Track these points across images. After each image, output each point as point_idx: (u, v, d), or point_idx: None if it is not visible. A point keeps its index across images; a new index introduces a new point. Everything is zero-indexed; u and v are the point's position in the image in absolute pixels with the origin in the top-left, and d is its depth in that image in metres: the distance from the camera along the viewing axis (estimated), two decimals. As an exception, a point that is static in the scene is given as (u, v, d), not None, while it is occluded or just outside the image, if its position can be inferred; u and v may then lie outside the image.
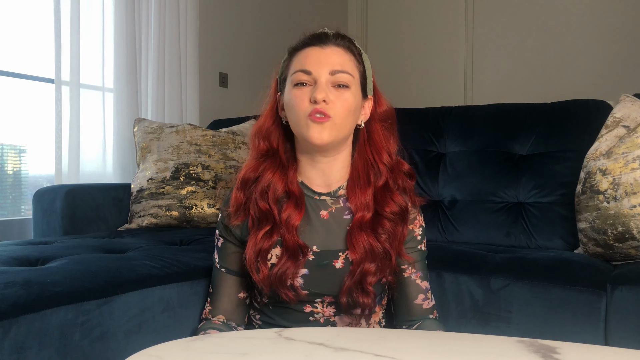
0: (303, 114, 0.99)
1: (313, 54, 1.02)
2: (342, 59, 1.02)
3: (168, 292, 1.22)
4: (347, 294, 1.02)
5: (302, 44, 1.05)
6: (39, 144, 2.31)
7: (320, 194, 1.08)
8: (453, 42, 3.81)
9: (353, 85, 1.02)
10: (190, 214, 2.02)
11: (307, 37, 1.05)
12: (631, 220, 1.33)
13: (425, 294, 1.11)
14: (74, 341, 1.05)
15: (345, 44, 1.04)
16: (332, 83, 1.00)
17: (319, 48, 1.02)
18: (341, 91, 1.00)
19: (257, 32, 3.29)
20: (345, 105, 1.00)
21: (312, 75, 1.00)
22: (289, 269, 1.01)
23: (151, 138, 2.12)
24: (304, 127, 0.99)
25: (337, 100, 0.99)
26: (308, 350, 0.78)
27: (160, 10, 2.54)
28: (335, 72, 1.00)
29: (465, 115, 2.00)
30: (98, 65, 2.39)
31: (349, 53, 1.04)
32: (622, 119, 1.51)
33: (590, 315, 1.20)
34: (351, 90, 1.01)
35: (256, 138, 1.09)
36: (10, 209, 2.26)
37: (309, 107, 0.99)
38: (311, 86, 1.00)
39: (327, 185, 1.08)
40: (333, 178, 1.07)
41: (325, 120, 0.98)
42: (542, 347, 0.78)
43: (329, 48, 1.02)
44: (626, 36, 3.27)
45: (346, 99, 1.00)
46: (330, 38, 1.03)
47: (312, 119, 0.98)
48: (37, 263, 1.31)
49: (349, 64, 1.02)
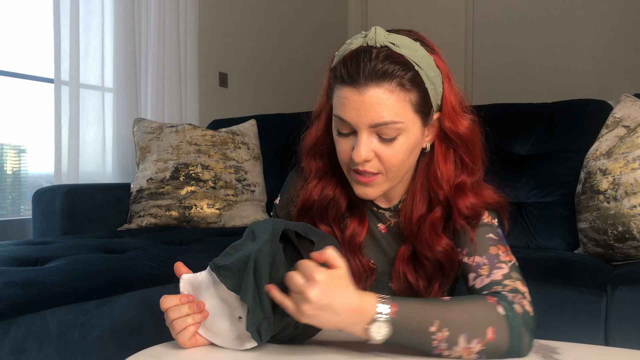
0: (346, 167, 0.86)
1: (350, 98, 0.80)
2: (386, 105, 0.79)
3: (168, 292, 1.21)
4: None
5: (339, 76, 0.82)
6: (39, 143, 2.31)
7: (379, 207, 0.96)
8: (453, 42, 3.81)
9: (403, 132, 0.82)
10: (189, 214, 2.02)
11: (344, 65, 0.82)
12: (631, 220, 1.33)
13: (476, 271, 0.86)
14: (73, 341, 1.05)
15: (387, 78, 0.79)
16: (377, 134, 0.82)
17: (356, 92, 0.80)
18: (388, 145, 0.82)
19: (257, 32, 3.29)
20: (394, 158, 0.83)
21: (351, 126, 0.82)
22: None
23: (151, 138, 2.11)
24: (349, 178, 0.88)
25: (384, 154, 0.82)
26: (308, 350, 0.78)
27: (160, 10, 2.53)
28: (377, 125, 0.80)
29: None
30: (97, 65, 2.39)
31: (395, 91, 0.80)
32: (622, 119, 1.51)
33: (590, 315, 1.20)
34: (400, 139, 0.82)
35: (311, 156, 0.95)
36: (9, 209, 2.25)
37: (352, 162, 0.83)
38: (353, 135, 0.83)
39: (387, 201, 0.95)
40: (394, 196, 0.94)
41: (370, 180, 0.84)
42: (542, 347, 0.78)
43: (368, 92, 0.79)
44: (626, 36, 3.27)
45: (395, 153, 0.82)
46: (367, 73, 0.79)
47: (357, 179, 0.85)
48: (37, 263, 1.31)
49: (395, 107, 0.80)
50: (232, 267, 0.75)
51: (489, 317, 0.75)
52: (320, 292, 0.69)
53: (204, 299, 0.79)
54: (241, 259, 0.74)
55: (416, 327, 0.73)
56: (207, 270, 0.79)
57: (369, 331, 0.71)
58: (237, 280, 0.74)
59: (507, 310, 0.76)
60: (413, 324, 0.72)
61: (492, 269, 0.85)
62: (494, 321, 0.75)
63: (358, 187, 0.86)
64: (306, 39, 3.57)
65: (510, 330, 0.75)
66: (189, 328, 0.78)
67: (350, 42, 0.85)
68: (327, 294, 0.69)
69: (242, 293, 0.73)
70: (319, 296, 0.69)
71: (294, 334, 0.78)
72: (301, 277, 0.70)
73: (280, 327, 0.75)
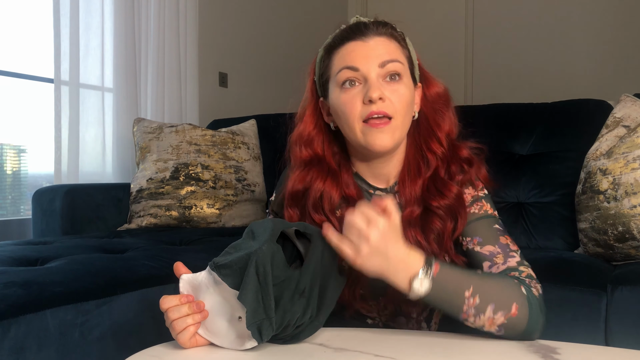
0: (358, 120, 0.89)
1: (356, 48, 0.90)
2: (389, 47, 0.91)
3: (167, 292, 1.21)
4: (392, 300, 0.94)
5: (340, 39, 0.93)
6: (39, 143, 2.31)
7: (376, 189, 0.98)
8: (453, 42, 3.81)
9: (405, 74, 0.91)
10: (189, 214, 2.02)
11: (344, 31, 0.94)
12: (631, 220, 1.33)
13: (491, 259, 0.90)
14: (73, 341, 1.05)
15: (388, 31, 0.93)
16: (384, 76, 0.89)
17: (360, 42, 0.91)
18: (395, 86, 0.89)
19: (257, 32, 3.29)
20: (403, 100, 0.89)
21: (360, 72, 0.89)
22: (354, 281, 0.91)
23: (151, 138, 2.11)
24: (360, 134, 0.89)
25: (394, 96, 0.88)
26: (308, 350, 0.77)
27: (160, 10, 2.53)
28: (385, 62, 0.89)
29: (465, 115, 2.00)
30: (97, 65, 2.39)
31: (393, 40, 0.93)
32: (622, 119, 1.51)
33: (590, 315, 1.20)
34: (404, 81, 0.91)
35: (297, 146, 0.98)
36: (9, 209, 2.25)
37: (364, 109, 0.88)
38: (361, 85, 0.89)
39: (385, 180, 0.98)
40: (390, 174, 0.98)
41: (385, 124, 0.88)
42: (542, 347, 0.78)
43: (372, 40, 0.91)
44: (626, 36, 3.27)
45: (402, 94, 0.89)
46: (370, 28, 0.92)
47: (370, 125, 0.88)
48: (37, 263, 1.31)
49: (396, 51, 0.92)
50: (233, 266, 0.75)
51: (515, 294, 0.81)
52: (380, 236, 0.75)
53: (203, 299, 0.79)
54: (241, 258, 0.75)
55: (453, 288, 0.78)
56: (207, 270, 0.79)
57: (412, 283, 0.77)
58: (238, 279, 0.74)
59: (527, 291, 0.82)
60: (450, 286, 0.78)
61: (506, 258, 0.90)
62: (518, 299, 0.80)
63: (375, 137, 0.88)
64: (306, 39, 3.57)
65: (530, 310, 0.80)
66: (189, 328, 0.78)
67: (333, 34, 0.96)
68: (385, 239, 0.75)
69: (241, 291, 0.73)
70: (378, 240, 0.75)
71: (294, 333, 0.78)
72: (362, 220, 0.75)
73: (282, 325, 0.75)
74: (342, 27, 0.95)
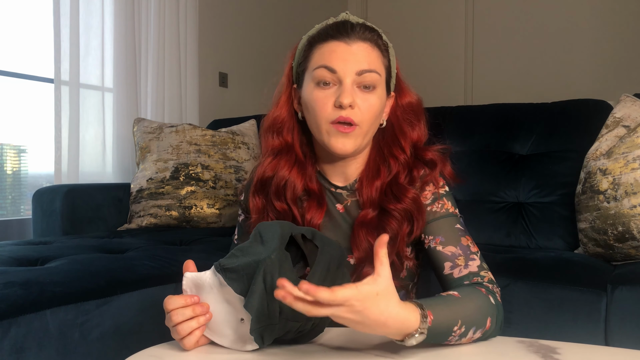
0: (325, 120, 0.91)
1: (338, 49, 0.91)
2: (370, 56, 0.92)
3: (168, 292, 1.21)
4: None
5: (324, 35, 0.94)
6: (39, 143, 2.31)
7: (337, 187, 1.00)
8: (453, 42, 3.81)
9: (379, 86, 0.93)
10: (189, 214, 2.02)
11: (330, 27, 0.94)
12: (631, 220, 1.33)
13: (453, 260, 0.92)
14: (73, 341, 1.05)
15: (373, 38, 0.93)
16: (358, 84, 0.91)
17: (343, 43, 0.91)
18: (367, 95, 0.91)
19: (257, 32, 3.29)
20: (372, 110, 0.91)
21: (336, 74, 0.90)
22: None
23: (151, 138, 2.11)
24: (325, 134, 0.91)
25: (364, 105, 0.90)
26: (308, 350, 0.78)
27: (160, 10, 2.53)
28: (362, 72, 0.90)
29: (465, 115, 2.00)
30: (97, 65, 2.39)
31: (376, 48, 0.93)
32: (622, 119, 1.51)
33: (590, 315, 1.20)
34: (377, 92, 0.92)
35: (269, 134, 1.00)
36: (9, 209, 2.25)
37: (333, 113, 0.90)
38: (335, 86, 0.91)
39: (345, 179, 1.00)
40: (351, 175, 1.00)
41: (350, 130, 0.90)
42: (542, 347, 0.78)
43: (355, 44, 0.91)
44: (626, 36, 3.27)
45: (372, 104, 0.91)
46: (356, 30, 0.92)
47: (337, 129, 0.90)
48: (37, 263, 1.31)
49: (376, 61, 0.92)
50: (240, 271, 0.74)
51: (489, 310, 0.83)
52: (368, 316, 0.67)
53: (207, 300, 0.78)
54: (249, 264, 0.74)
55: (445, 329, 0.76)
56: (212, 271, 0.78)
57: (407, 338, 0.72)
58: (244, 284, 0.74)
59: (495, 300, 0.86)
60: (443, 328, 0.76)
61: (467, 260, 0.92)
62: (492, 312, 0.83)
63: (337, 140, 0.91)
64: (306, 39, 3.57)
65: (498, 316, 0.84)
66: (195, 332, 0.77)
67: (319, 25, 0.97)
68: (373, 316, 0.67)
69: (247, 300, 0.72)
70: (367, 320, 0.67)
71: (296, 336, 0.78)
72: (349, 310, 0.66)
73: (284, 331, 0.75)
74: (330, 22, 0.96)
